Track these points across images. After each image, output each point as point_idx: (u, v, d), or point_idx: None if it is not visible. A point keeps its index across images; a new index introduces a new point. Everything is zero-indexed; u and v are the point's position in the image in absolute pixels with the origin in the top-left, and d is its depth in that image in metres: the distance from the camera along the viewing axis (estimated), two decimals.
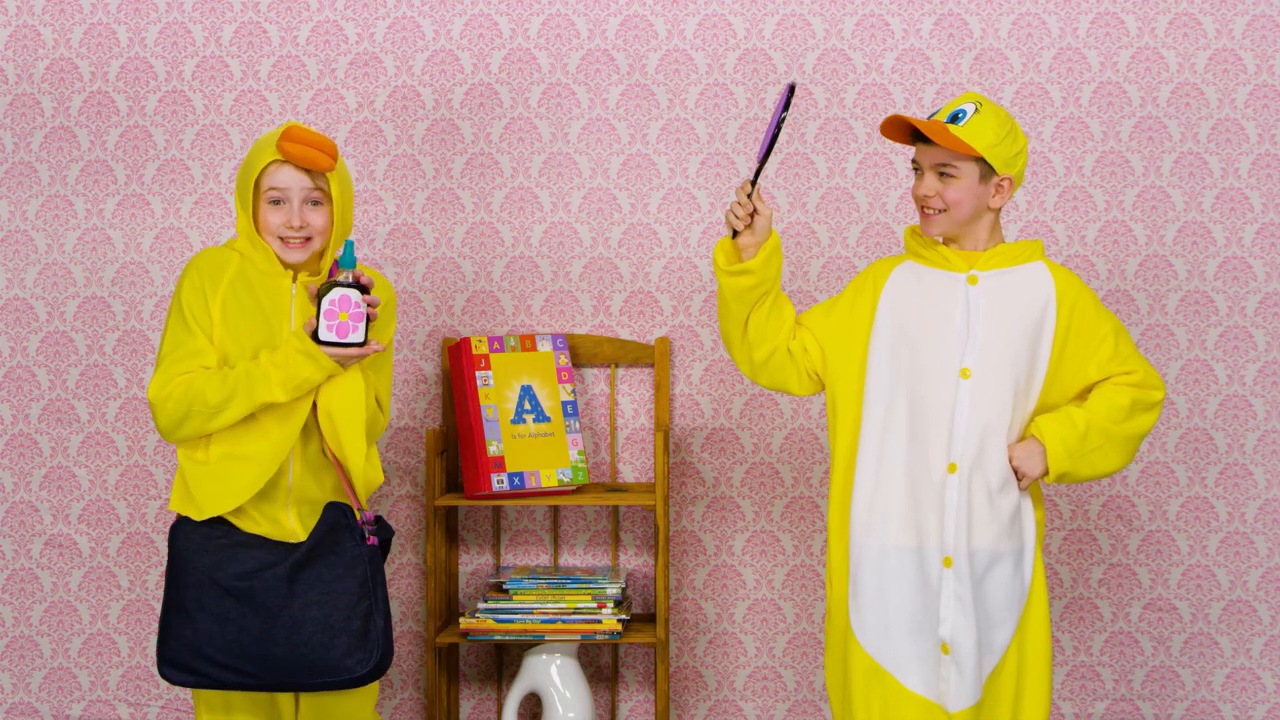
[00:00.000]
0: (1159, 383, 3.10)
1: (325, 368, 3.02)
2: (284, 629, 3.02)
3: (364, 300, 3.02)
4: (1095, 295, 3.12)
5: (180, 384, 3.05)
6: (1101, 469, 3.09)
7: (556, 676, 3.74)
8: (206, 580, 3.04)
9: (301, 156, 3.04)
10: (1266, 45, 3.86)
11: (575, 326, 3.94)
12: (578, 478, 3.78)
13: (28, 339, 3.98)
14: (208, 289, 3.09)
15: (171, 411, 3.05)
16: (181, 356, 3.08)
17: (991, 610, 3.03)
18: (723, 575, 3.94)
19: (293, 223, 3.08)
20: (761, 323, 3.10)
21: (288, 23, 3.94)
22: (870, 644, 3.05)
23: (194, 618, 3.03)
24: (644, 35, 3.92)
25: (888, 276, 3.13)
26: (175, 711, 3.98)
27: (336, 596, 3.05)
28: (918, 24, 3.89)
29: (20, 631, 3.99)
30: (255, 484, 3.07)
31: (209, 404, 3.03)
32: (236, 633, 3.02)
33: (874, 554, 3.04)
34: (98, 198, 3.97)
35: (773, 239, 3.05)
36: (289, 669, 3.03)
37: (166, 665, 3.06)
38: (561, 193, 3.94)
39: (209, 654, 3.02)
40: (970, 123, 3.00)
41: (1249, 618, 3.90)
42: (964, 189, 3.02)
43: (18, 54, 3.96)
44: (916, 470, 3.02)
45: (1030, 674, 3.06)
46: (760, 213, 3.01)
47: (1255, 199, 3.87)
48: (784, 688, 3.94)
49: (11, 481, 3.98)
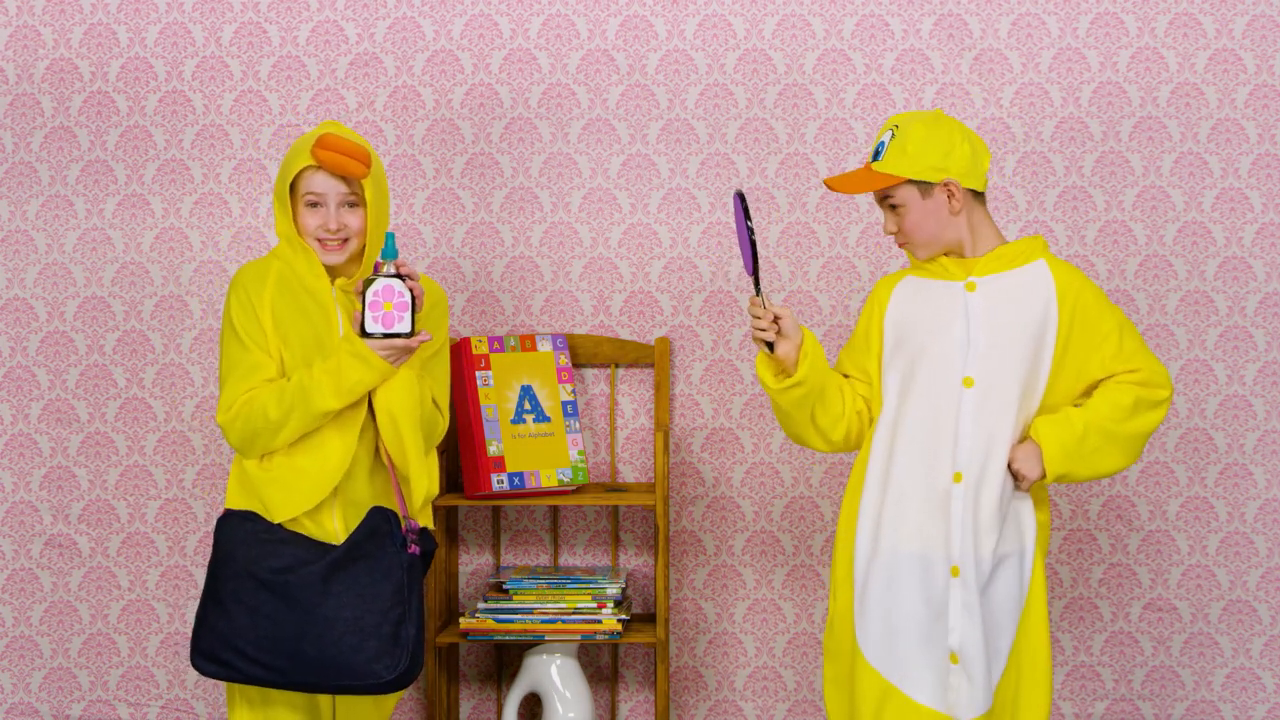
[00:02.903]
0: (1165, 380, 3.06)
1: (377, 368, 3.01)
2: (316, 627, 3.01)
3: (408, 289, 3.00)
4: (1099, 290, 3.09)
5: (244, 402, 3.06)
6: (1103, 469, 3.08)
7: (556, 676, 3.74)
8: (244, 573, 3.04)
9: (335, 164, 3.05)
10: (1266, 45, 3.86)
11: (575, 326, 3.94)
12: (578, 478, 3.78)
13: (28, 339, 3.98)
14: (255, 302, 3.10)
15: (241, 430, 3.06)
16: (243, 375, 3.08)
17: (996, 615, 3.02)
18: (723, 575, 3.94)
19: (329, 226, 3.09)
20: (826, 411, 3.10)
21: (288, 23, 3.95)
22: (877, 659, 3.03)
23: (229, 610, 3.03)
24: (644, 35, 3.92)
25: (890, 294, 3.14)
26: (175, 711, 3.98)
27: (370, 600, 3.03)
28: (918, 24, 3.89)
29: (20, 631, 4.00)
30: (320, 493, 3.08)
31: (271, 420, 3.03)
32: (269, 627, 3.01)
33: (881, 565, 3.03)
34: (98, 198, 3.97)
35: (807, 338, 3.03)
36: (317, 669, 3.01)
37: (199, 656, 3.05)
38: (561, 193, 3.94)
39: (240, 646, 3.01)
40: (889, 153, 3.02)
41: (1249, 618, 3.90)
42: (913, 213, 3.04)
43: (18, 54, 3.96)
44: (923, 481, 3.02)
45: (1028, 676, 3.05)
46: (781, 316, 3.01)
47: (1255, 199, 3.87)
48: (784, 688, 3.94)
49: (11, 481, 3.98)
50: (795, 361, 3.03)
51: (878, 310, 3.14)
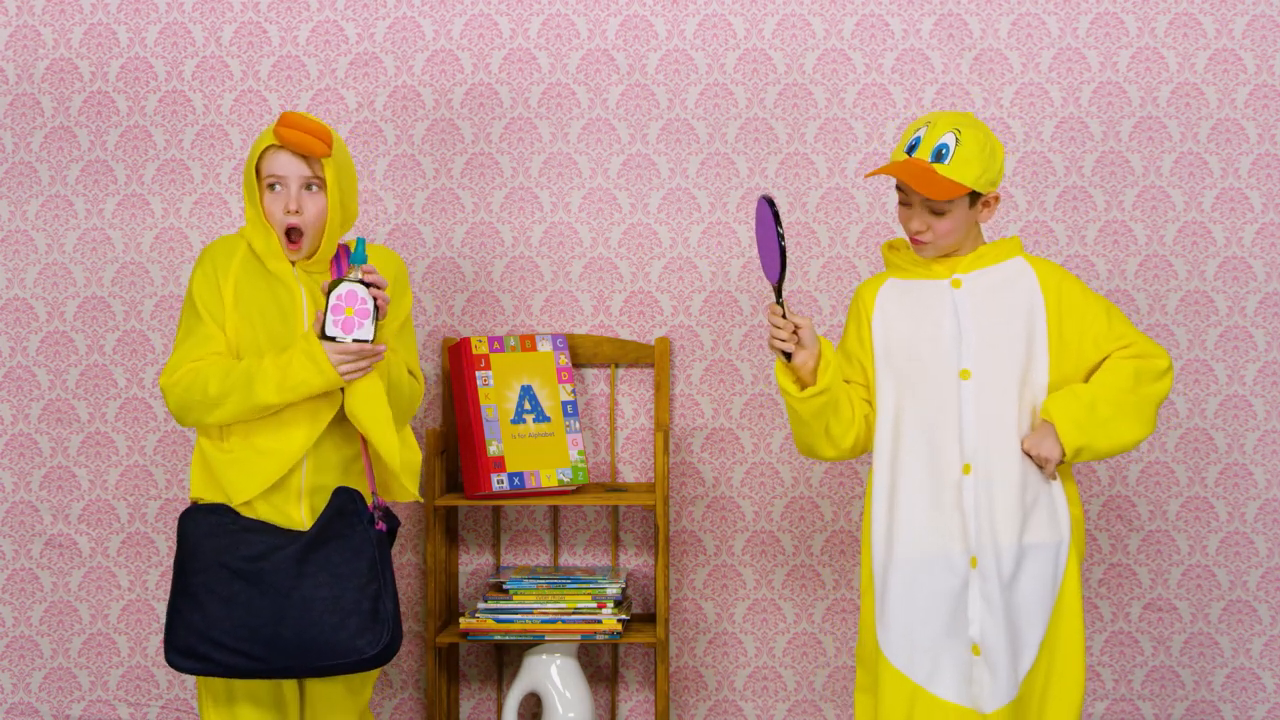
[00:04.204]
0: (1160, 351, 3.09)
1: (326, 374, 3.03)
2: (294, 610, 3.03)
3: (371, 296, 3.02)
4: (1080, 280, 3.13)
5: (188, 372, 3.10)
6: (1122, 439, 3.06)
7: (556, 676, 3.74)
8: (215, 564, 3.06)
9: (296, 141, 3.08)
10: (1266, 45, 3.86)
11: (575, 326, 3.94)
12: (578, 478, 3.78)
13: (28, 339, 3.98)
14: (219, 275, 3.14)
15: (180, 398, 3.10)
16: (195, 344, 3.13)
17: (1023, 607, 3.02)
18: (723, 575, 3.94)
19: (290, 206, 3.12)
20: (839, 418, 3.09)
21: (288, 23, 3.94)
22: (898, 658, 3.03)
23: (202, 602, 3.04)
24: (644, 35, 3.92)
25: (874, 298, 3.15)
26: (175, 711, 3.98)
27: (345, 578, 3.06)
28: (918, 24, 3.89)
29: (20, 631, 3.99)
30: (276, 473, 3.10)
31: (209, 396, 3.07)
32: (245, 615, 3.02)
33: (899, 563, 3.04)
34: (98, 198, 3.97)
35: (825, 347, 3.03)
36: (298, 652, 3.03)
37: (174, 653, 3.06)
38: (561, 193, 3.94)
39: (217, 638, 3.02)
40: (955, 159, 2.98)
41: (1249, 618, 3.90)
42: (955, 220, 3.04)
43: (18, 54, 3.96)
44: (933, 476, 3.03)
45: (1059, 672, 3.04)
46: (801, 325, 3.00)
47: (1255, 199, 3.87)
48: (784, 688, 3.94)
49: (11, 481, 3.98)
50: (812, 371, 3.02)
51: (865, 315, 3.15)
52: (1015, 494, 3.01)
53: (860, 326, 3.15)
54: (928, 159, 3.00)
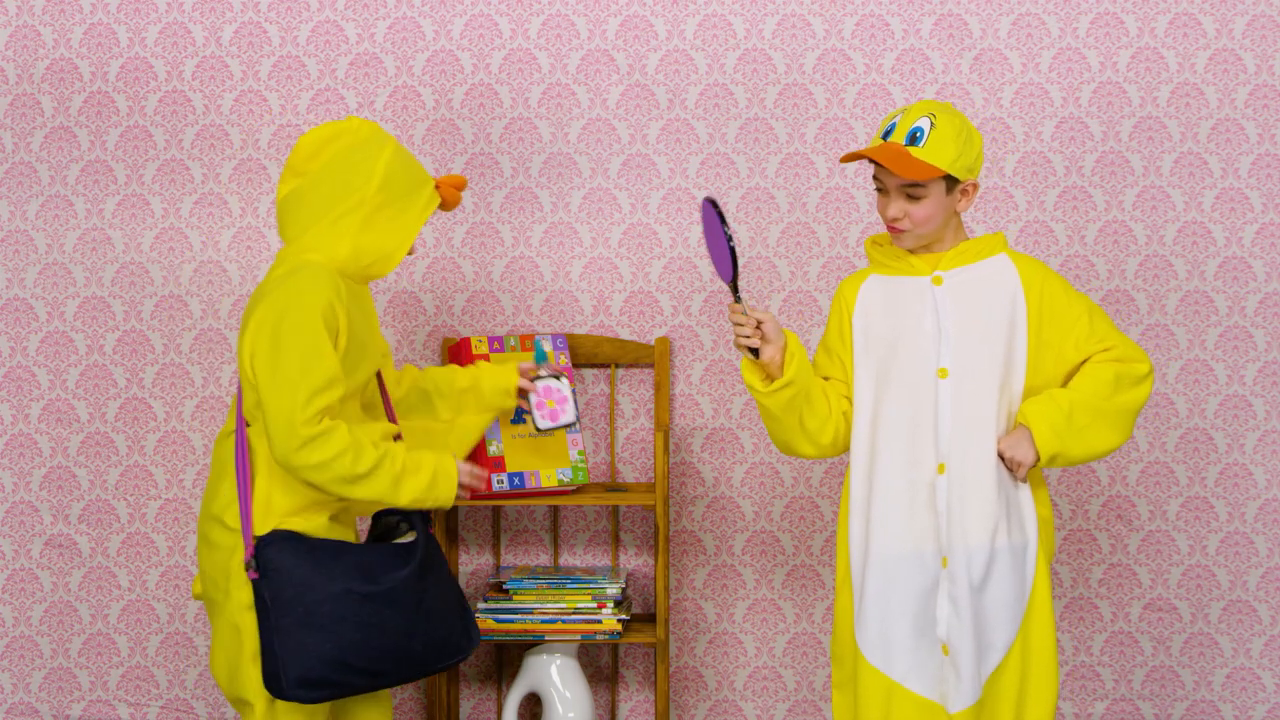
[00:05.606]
0: (1142, 355, 3.08)
1: (445, 495, 3.09)
2: (425, 622, 3.08)
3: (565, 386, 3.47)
4: (1063, 279, 3.12)
5: (342, 433, 2.94)
6: (1096, 447, 3.07)
7: (556, 676, 3.74)
8: (341, 592, 2.99)
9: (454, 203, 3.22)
10: (1266, 45, 3.86)
11: (575, 326, 3.94)
12: (578, 478, 3.78)
13: (28, 339, 3.98)
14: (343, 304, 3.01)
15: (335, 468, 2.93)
16: (323, 385, 2.92)
17: (991, 610, 3.03)
18: (723, 575, 3.94)
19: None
20: (813, 413, 3.10)
21: (288, 23, 3.94)
22: (875, 655, 3.04)
23: (336, 631, 2.97)
24: (644, 35, 3.92)
25: (856, 294, 3.15)
26: (175, 711, 3.98)
27: (447, 582, 3.18)
28: (918, 24, 3.89)
29: (20, 631, 3.99)
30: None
31: (355, 473, 2.96)
32: (380, 637, 3.02)
33: (875, 560, 3.04)
34: (98, 198, 3.97)
35: (791, 340, 3.03)
36: (422, 660, 3.09)
37: (301, 687, 2.95)
38: (561, 193, 3.94)
39: (351, 662, 2.99)
40: (930, 141, 2.98)
41: (1249, 618, 3.90)
42: (931, 205, 3.02)
43: (18, 54, 3.96)
44: (908, 474, 3.03)
45: (1035, 674, 3.06)
46: (764, 320, 3.00)
47: (1255, 199, 3.87)
48: (784, 688, 3.94)
49: (11, 481, 3.98)
50: (780, 365, 3.03)
51: (846, 311, 3.15)
52: (989, 495, 3.01)
53: (842, 322, 3.15)
54: (903, 142, 3.00)
